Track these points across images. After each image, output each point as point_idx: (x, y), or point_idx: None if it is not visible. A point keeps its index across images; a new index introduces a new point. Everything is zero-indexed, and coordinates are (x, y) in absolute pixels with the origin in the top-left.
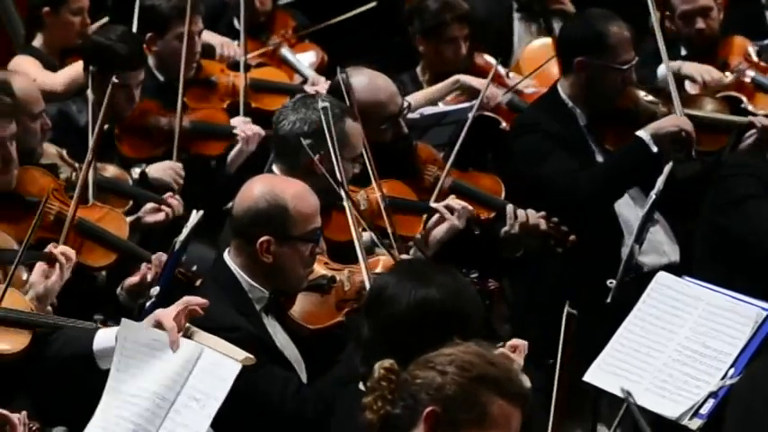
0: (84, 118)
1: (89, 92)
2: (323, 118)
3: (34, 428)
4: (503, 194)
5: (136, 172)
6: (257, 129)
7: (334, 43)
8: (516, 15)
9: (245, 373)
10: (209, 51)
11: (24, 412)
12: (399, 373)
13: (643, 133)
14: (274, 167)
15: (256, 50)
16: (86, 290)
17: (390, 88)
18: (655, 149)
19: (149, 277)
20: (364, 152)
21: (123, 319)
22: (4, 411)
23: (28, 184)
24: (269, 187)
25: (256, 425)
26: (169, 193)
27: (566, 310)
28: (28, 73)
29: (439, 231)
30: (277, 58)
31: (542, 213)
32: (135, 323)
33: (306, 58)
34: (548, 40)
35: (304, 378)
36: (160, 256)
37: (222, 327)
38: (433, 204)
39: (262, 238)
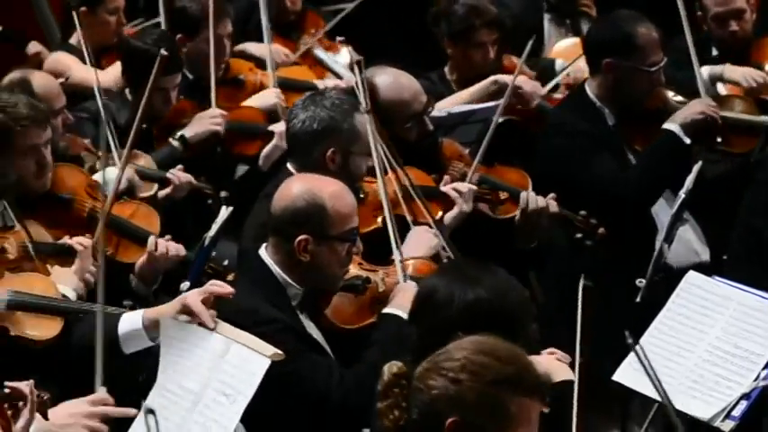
0: (124, 115)
1: (127, 90)
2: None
3: (45, 398)
4: (530, 188)
5: (175, 139)
6: None
7: (365, 42)
8: (546, 16)
9: (289, 363)
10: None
11: (32, 381)
12: (410, 378)
13: (672, 125)
14: (289, 165)
15: (286, 49)
16: (120, 288)
17: (414, 87)
18: (687, 141)
19: (155, 257)
20: (377, 142)
21: (165, 318)
22: (14, 383)
23: (60, 181)
24: (307, 186)
25: (302, 414)
26: (179, 166)
27: (581, 283)
28: (69, 67)
29: (449, 216)
30: (310, 58)
31: (552, 195)
32: (176, 321)
33: (341, 58)
34: (575, 40)
35: None
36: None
37: (260, 320)
38: (442, 188)
39: (300, 237)
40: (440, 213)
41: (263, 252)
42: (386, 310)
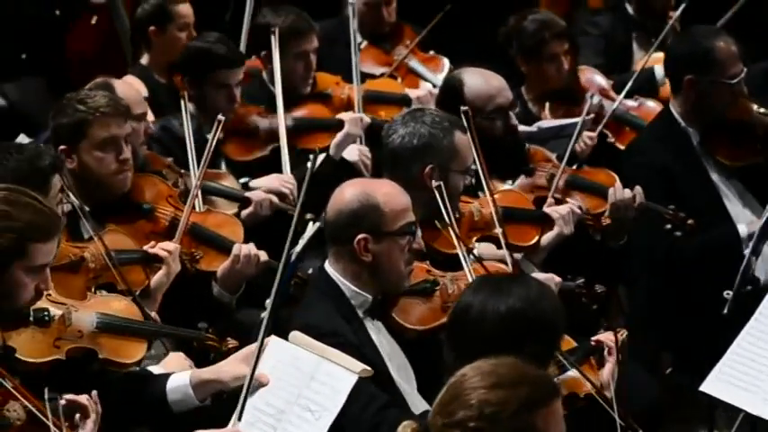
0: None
1: (185, 103)
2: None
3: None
4: (618, 187)
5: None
6: (365, 117)
7: (458, 56)
8: (633, 34)
9: None
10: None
11: (94, 392)
12: None
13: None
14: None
15: (379, 60)
16: (201, 297)
17: (500, 81)
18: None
19: (239, 264)
20: (477, 164)
21: (272, 336)
22: (74, 396)
23: (143, 190)
24: (359, 188)
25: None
26: (264, 188)
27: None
28: None
29: (547, 238)
30: (404, 69)
31: (638, 188)
32: (282, 341)
33: (433, 69)
34: (659, 55)
35: (412, 383)
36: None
37: (323, 332)
38: (546, 209)
39: (358, 237)
40: (536, 237)
41: (327, 265)
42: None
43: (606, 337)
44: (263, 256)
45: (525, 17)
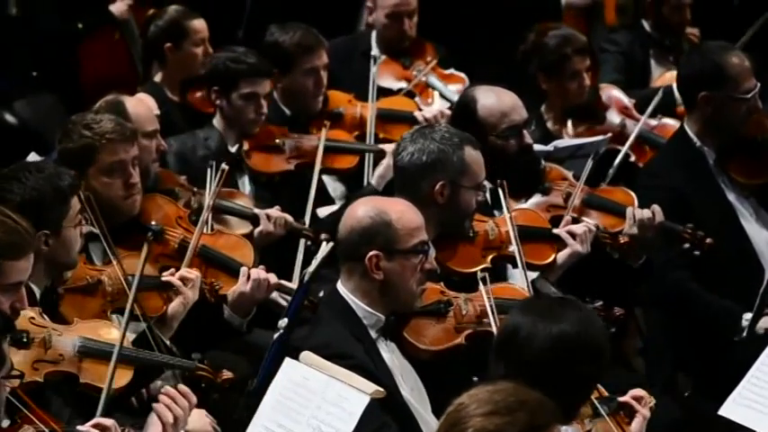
0: (213, 144)
1: (216, 118)
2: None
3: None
4: (635, 206)
5: None
6: None
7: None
8: (651, 51)
9: None
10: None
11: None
12: None
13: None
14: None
15: (397, 74)
16: (211, 319)
17: (514, 99)
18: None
19: (249, 287)
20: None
21: (287, 359)
22: (101, 419)
23: (151, 211)
24: (371, 205)
25: None
26: (276, 207)
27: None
28: None
29: (561, 257)
30: (421, 85)
31: (657, 209)
32: (294, 361)
33: (453, 87)
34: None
35: (426, 404)
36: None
37: (335, 353)
38: (555, 231)
39: (370, 254)
40: (552, 256)
41: (339, 284)
42: None
43: (635, 394)
44: (273, 278)
45: (546, 33)
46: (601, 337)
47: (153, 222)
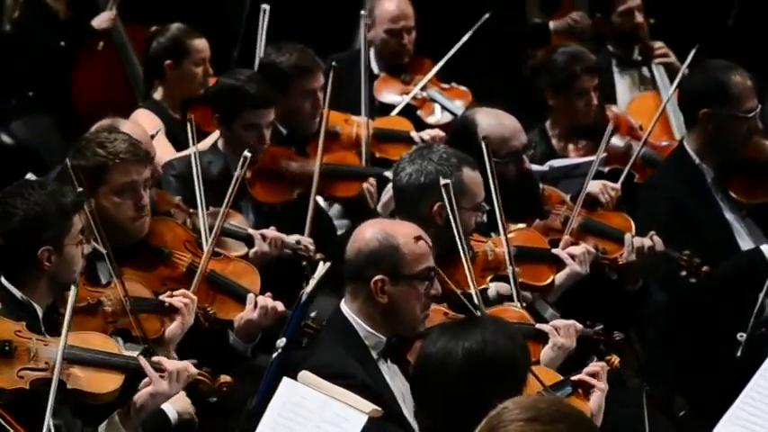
0: (216, 167)
1: (220, 142)
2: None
3: None
4: (633, 232)
5: None
6: None
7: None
8: (615, 69)
9: None
10: None
11: None
12: None
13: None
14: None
15: (396, 89)
16: (217, 345)
17: (514, 124)
18: None
19: (256, 315)
20: (495, 201)
21: (285, 378)
22: None
23: (160, 234)
24: (380, 228)
25: None
26: (272, 227)
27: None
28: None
29: (560, 277)
30: (422, 99)
31: (655, 237)
32: (292, 381)
33: (454, 100)
34: (649, 93)
35: None
36: (265, 300)
37: (338, 374)
38: (554, 251)
39: (376, 278)
40: (551, 277)
41: (342, 304)
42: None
43: (589, 370)
44: (281, 307)
45: (556, 49)
46: (513, 350)
47: (161, 246)
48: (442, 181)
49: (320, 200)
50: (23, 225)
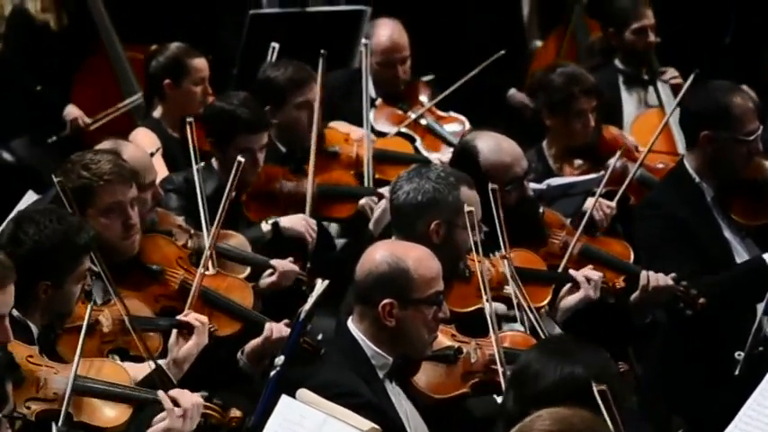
0: (210, 186)
1: (214, 160)
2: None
3: None
4: (632, 259)
5: (268, 222)
6: None
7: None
8: (623, 87)
9: None
10: None
11: None
12: None
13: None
14: (393, 238)
15: (393, 119)
16: (208, 360)
17: (515, 150)
18: None
19: (271, 344)
20: (496, 220)
21: (284, 396)
22: None
23: (151, 251)
24: (390, 251)
25: None
26: (289, 258)
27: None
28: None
29: (572, 300)
30: (421, 129)
31: (673, 275)
32: (290, 398)
33: (451, 128)
34: (653, 111)
35: None
36: (281, 328)
37: (343, 393)
38: (572, 273)
39: (384, 302)
40: (548, 298)
41: (350, 323)
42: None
43: None
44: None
45: (554, 70)
46: (613, 385)
47: (153, 264)
48: (467, 208)
49: None
50: (29, 256)
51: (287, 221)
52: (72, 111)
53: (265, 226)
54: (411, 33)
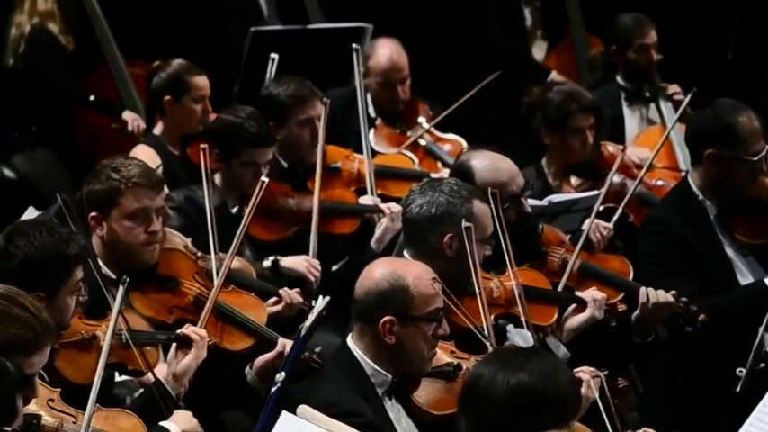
0: (213, 203)
1: (217, 177)
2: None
3: None
4: (631, 276)
5: (268, 260)
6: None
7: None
8: (625, 104)
9: None
10: None
11: None
12: None
13: None
14: (405, 252)
15: (392, 140)
16: (220, 376)
17: (512, 168)
18: None
19: (281, 361)
20: (501, 239)
21: (284, 412)
22: None
23: (168, 263)
24: (390, 269)
25: None
26: (296, 289)
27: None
28: None
29: (578, 320)
30: (420, 150)
31: (673, 293)
32: (291, 415)
33: (448, 149)
34: (655, 128)
35: None
36: (285, 343)
37: (343, 411)
38: (579, 294)
39: (384, 319)
40: (554, 317)
41: (349, 340)
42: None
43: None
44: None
45: (550, 88)
46: (563, 389)
47: (169, 275)
48: (464, 224)
49: None
50: (20, 269)
51: (288, 262)
52: (131, 114)
53: (266, 263)
54: (410, 51)
